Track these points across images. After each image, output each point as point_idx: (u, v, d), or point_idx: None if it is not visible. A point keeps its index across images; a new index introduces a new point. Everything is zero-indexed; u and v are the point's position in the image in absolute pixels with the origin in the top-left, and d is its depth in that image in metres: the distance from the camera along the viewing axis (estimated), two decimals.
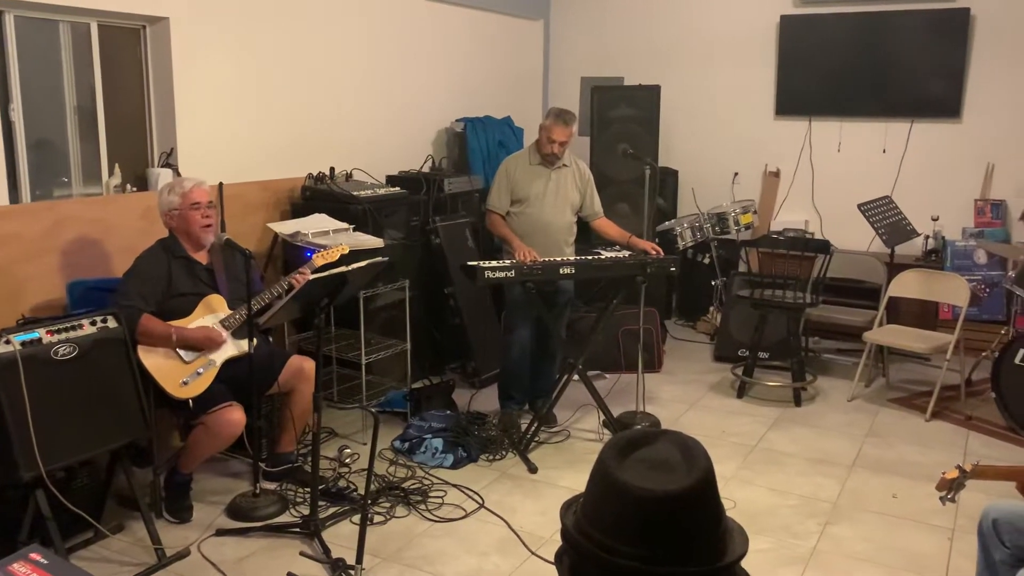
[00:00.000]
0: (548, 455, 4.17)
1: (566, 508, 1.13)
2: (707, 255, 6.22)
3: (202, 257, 3.62)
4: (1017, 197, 5.80)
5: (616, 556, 1.03)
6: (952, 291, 4.89)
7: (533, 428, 4.23)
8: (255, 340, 3.39)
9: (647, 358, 5.08)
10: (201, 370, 3.39)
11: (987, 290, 5.57)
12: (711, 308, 6.23)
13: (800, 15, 6.24)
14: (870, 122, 6.13)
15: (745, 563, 3.23)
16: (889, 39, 5.99)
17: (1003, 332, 5.10)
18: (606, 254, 4.31)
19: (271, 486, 3.69)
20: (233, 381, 3.46)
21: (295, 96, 4.78)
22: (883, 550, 3.30)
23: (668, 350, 5.79)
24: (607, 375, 5.22)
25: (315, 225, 4.20)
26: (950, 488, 2.30)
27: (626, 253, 4.32)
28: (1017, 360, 4.35)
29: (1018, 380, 4.36)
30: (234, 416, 3.36)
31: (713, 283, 6.16)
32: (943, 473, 2.32)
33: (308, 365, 3.64)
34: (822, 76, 6.23)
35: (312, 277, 3.10)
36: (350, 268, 3.16)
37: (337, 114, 5.06)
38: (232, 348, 3.50)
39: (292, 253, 4.15)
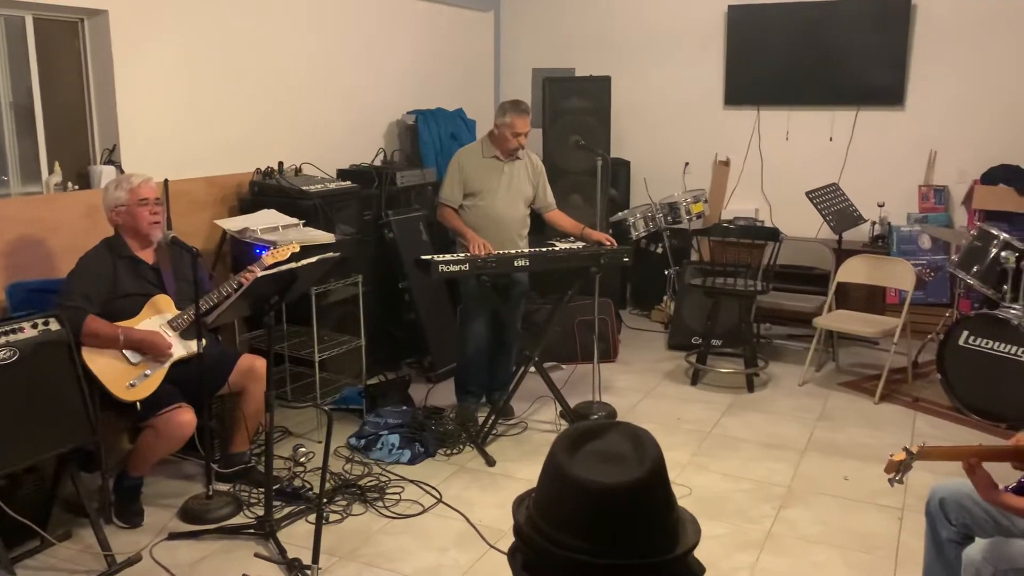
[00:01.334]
0: (506, 448, 4.17)
1: (518, 503, 1.12)
2: (660, 245, 6.27)
3: (148, 256, 3.53)
4: (959, 183, 5.94)
5: (567, 550, 1.03)
6: (898, 276, 4.99)
7: (490, 421, 4.22)
8: (204, 340, 3.33)
9: (602, 348, 5.12)
10: (149, 372, 3.31)
11: (932, 274, 5.70)
12: (665, 297, 6.28)
13: (747, 5, 6.30)
14: (817, 111, 6.22)
15: (701, 549, 3.26)
16: (834, 29, 6.09)
17: (948, 315, 5.23)
18: (560, 246, 4.31)
19: (224, 487, 3.63)
20: (182, 382, 3.39)
21: (242, 89, 4.70)
22: (836, 531, 3.36)
23: (623, 340, 5.83)
24: (563, 366, 5.23)
25: (264, 221, 4.13)
26: (898, 470, 2.34)
27: (580, 244, 4.33)
28: (961, 342, 4.46)
29: (962, 361, 4.47)
30: (184, 418, 3.29)
31: (666, 272, 6.21)
32: (891, 455, 2.36)
33: (259, 364, 3.59)
34: (770, 66, 6.30)
35: (260, 274, 3.05)
36: (299, 264, 3.11)
37: (285, 108, 4.98)
38: (181, 349, 3.43)
39: (241, 250, 4.08)
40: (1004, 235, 4.54)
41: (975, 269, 4.60)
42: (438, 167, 5.57)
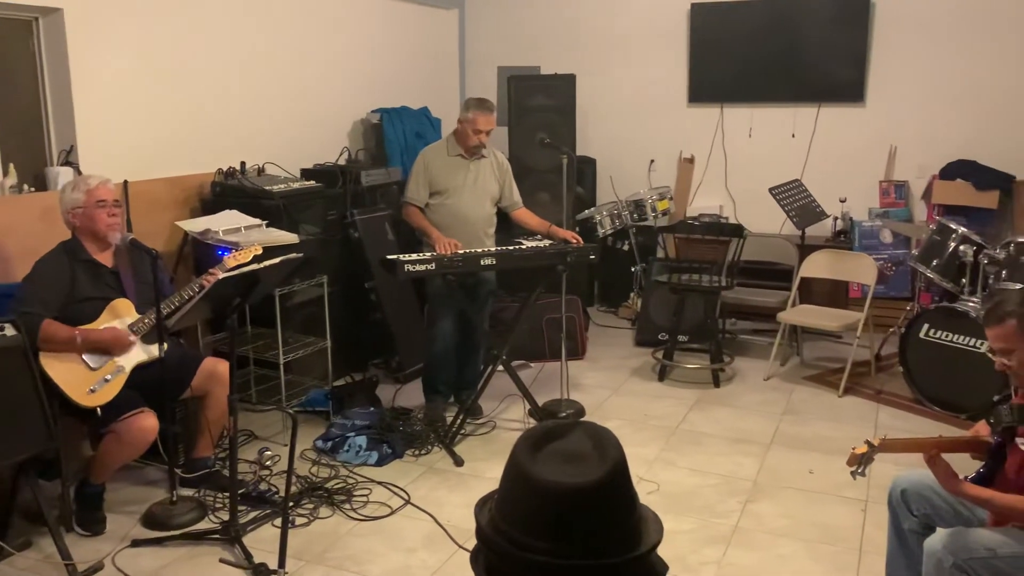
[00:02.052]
0: (474, 447, 4.16)
1: (481, 505, 1.11)
2: (626, 242, 6.30)
3: (107, 259, 3.47)
4: (919, 178, 6.03)
5: (530, 552, 1.02)
6: (860, 270, 5.06)
7: (459, 421, 4.21)
8: (166, 344, 3.28)
9: (570, 346, 5.12)
10: (109, 376, 3.26)
11: (893, 268, 5.79)
12: (632, 294, 6.31)
13: (709, 3, 6.35)
14: (779, 108, 6.29)
15: (669, 544, 3.28)
16: (795, 26, 6.15)
17: (909, 308, 5.31)
18: (527, 244, 4.31)
19: (188, 492, 3.58)
20: (144, 387, 3.33)
21: (203, 88, 4.63)
22: (801, 524, 3.40)
23: (591, 337, 5.84)
24: (532, 364, 5.23)
25: (226, 222, 4.08)
26: (860, 463, 2.38)
27: (547, 242, 4.33)
28: (922, 335, 4.53)
29: (924, 354, 4.54)
30: (146, 423, 3.24)
31: (633, 269, 6.24)
32: (853, 448, 2.39)
33: (222, 367, 3.53)
34: (732, 63, 6.35)
35: (221, 276, 3.00)
36: (262, 266, 3.07)
37: (247, 107, 4.92)
38: (142, 353, 3.37)
39: (203, 252, 4.02)
40: (962, 229, 4.62)
41: (935, 263, 4.67)
42: (403, 166, 5.54)
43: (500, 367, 4.28)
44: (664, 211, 6.20)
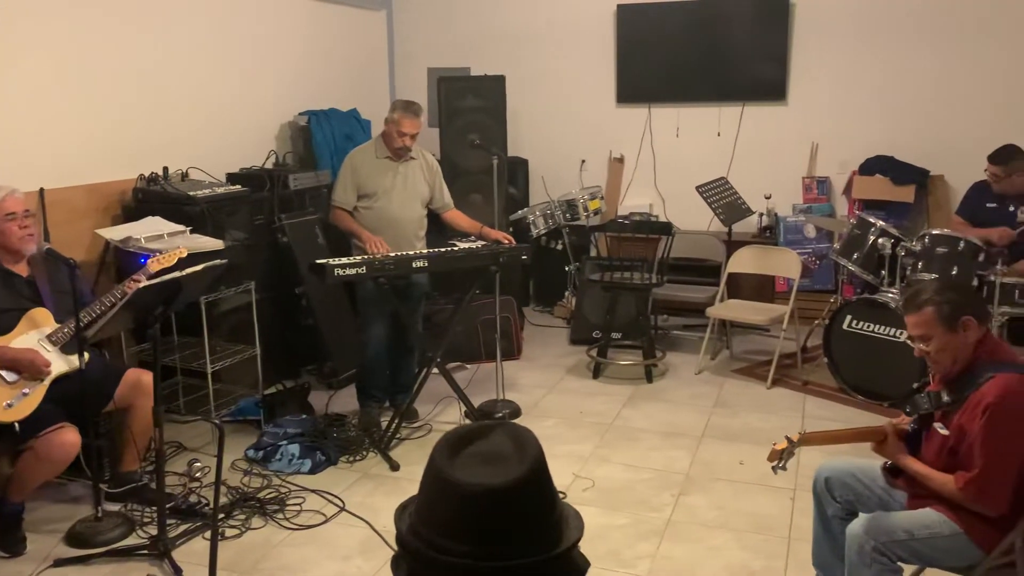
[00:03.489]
0: (410, 451, 4.13)
1: (401, 511, 1.10)
2: (560, 241, 6.33)
3: (22, 269, 3.36)
4: (839, 173, 6.21)
5: (450, 555, 1.02)
6: (785, 265, 5.19)
7: (394, 425, 4.18)
8: (86, 355, 3.18)
9: (506, 346, 5.14)
10: (27, 390, 3.14)
11: (817, 262, 5.95)
12: (566, 293, 6.35)
13: (635, 4, 6.43)
14: (705, 107, 6.40)
15: (604, 539, 3.29)
16: (719, 27, 6.28)
17: (832, 300, 5.45)
18: (461, 245, 4.30)
19: (115, 508, 3.48)
20: (64, 400, 3.23)
21: (123, 92, 4.49)
22: (732, 515, 3.47)
23: (527, 336, 5.87)
24: (468, 365, 5.23)
25: (149, 229, 3.97)
26: (780, 458, 2.45)
27: (480, 244, 4.33)
28: (845, 326, 4.67)
29: (847, 345, 4.68)
30: (67, 438, 3.13)
31: (567, 268, 6.28)
32: (774, 444, 2.45)
33: (146, 378, 3.44)
34: (659, 64, 6.45)
35: (142, 285, 2.92)
36: (184, 273, 3.00)
37: (169, 111, 4.79)
38: (62, 364, 3.26)
39: (125, 260, 3.91)
40: (881, 223, 4.77)
41: (855, 256, 4.81)
42: (333, 168, 5.46)
43: (435, 370, 4.26)
44: (596, 210, 6.25)
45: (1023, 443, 2.28)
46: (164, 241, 3.89)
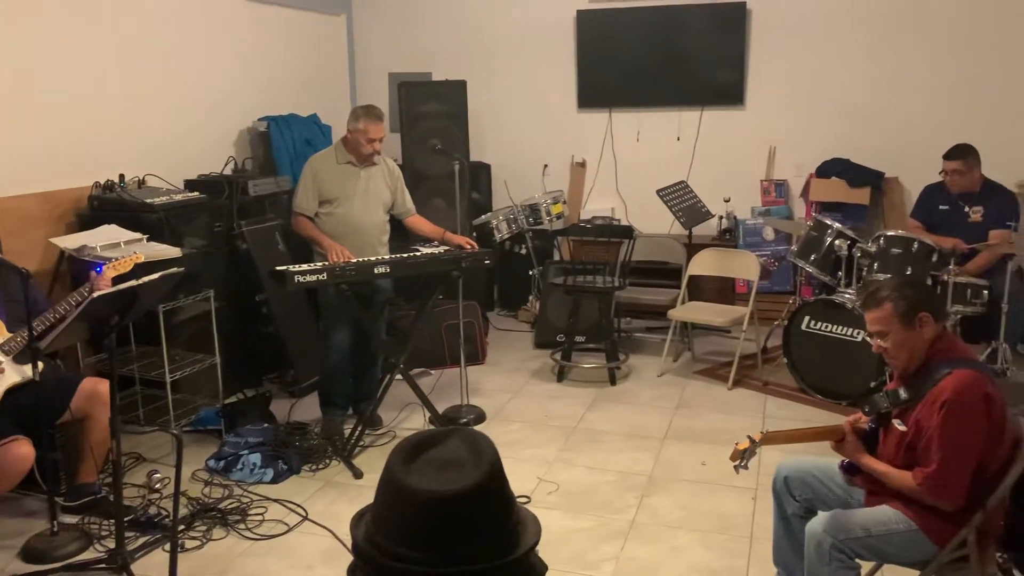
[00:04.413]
0: (374, 458, 4.11)
1: (357, 520, 1.10)
2: (523, 246, 6.35)
3: None
4: (797, 176, 6.31)
5: (405, 562, 1.02)
6: (745, 267, 5.25)
7: (357, 432, 4.16)
8: (40, 364, 3.11)
9: (470, 351, 5.14)
10: None
11: (775, 264, 6.03)
12: (530, 297, 6.36)
13: (595, 10, 6.47)
14: (665, 111, 6.47)
15: (569, 543, 3.29)
16: (678, 32, 6.34)
17: (791, 302, 5.53)
18: (424, 250, 4.29)
19: (71, 521, 3.41)
20: (18, 411, 3.17)
21: (77, 97, 4.41)
22: (695, 515, 3.50)
23: (491, 341, 5.87)
24: (432, 371, 5.21)
25: (104, 237, 3.91)
26: (742, 457, 2.47)
27: (443, 249, 4.32)
28: (803, 327, 4.74)
29: (806, 345, 4.75)
30: (20, 451, 3.07)
31: (531, 273, 6.30)
32: (736, 444, 2.48)
33: (102, 388, 3.38)
34: (619, 69, 6.50)
35: (96, 295, 2.87)
36: (140, 282, 2.95)
37: (126, 117, 4.72)
38: (14, 374, 3.20)
39: (80, 269, 3.84)
40: (837, 225, 4.85)
41: (813, 258, 4.88)
42: (293, 174, 5.42)
43: (399, 376, 4.24)
44: (559, 215, 6.26)
45: (979, 438, 2.33)
46: (120, 249, 3.82)
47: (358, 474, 3.91)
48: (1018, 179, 5.50)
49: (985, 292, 4.55)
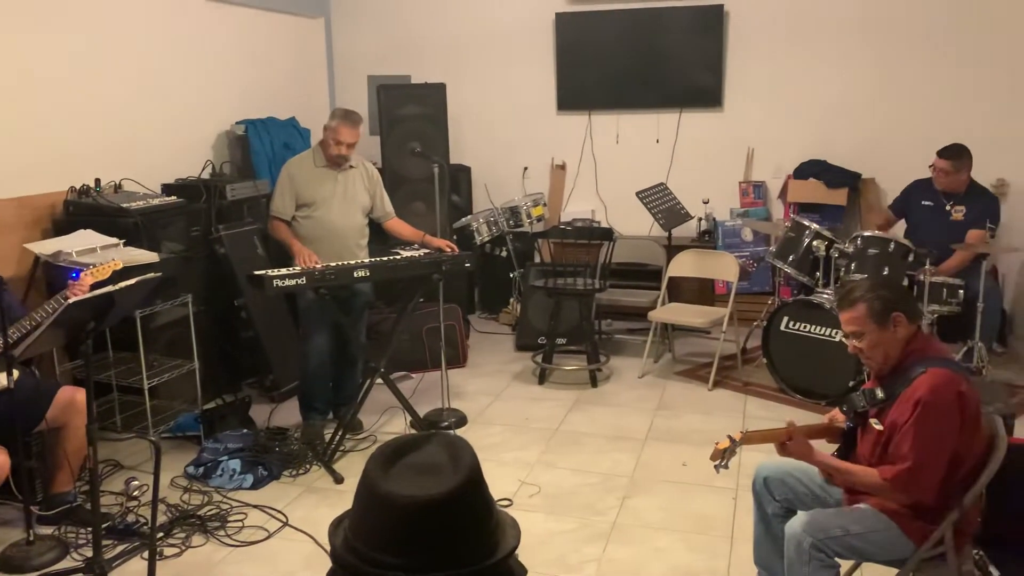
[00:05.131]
0: (355, 463, 4.09)
1: (335, 527, 1.10)
2: (504, 248, 6.35)
3: None
4: (774, 178, 6.35)
5: (382, 568, 1.01)
6: (724, 268, 5.28)
7: (338, 437, 4.13)
8: (16, 372, 3.08)
9: (451, 354, 5.13)
10: None
11: (754, 265, 6.07)
12: (511, 299, 6.36)
13: (573, 12, 6.49)
14: (644, 114, 6.49)
15: (551, 545, 3.29)
16: (657, 35, 6.37)
17: (770, 302, 5.56)
18: (405, 254, 4.28)
19: (48, 531, 3.37)
20: None
21: (52, 101, 4.36)
22: (676, 516, 3.51)
23: (473, 344, 5.86)
24: (413, 375, 5.20)
25: (80, 243, 3.87)
26: (722, 456, 2.48)
27: (423, 252, 4.31)
28: (782, 327, 4.77)
29: (785, 345, 4.78)
30: None
31: (512, 275, 6.30)
32: (716, 444, 2.49)
33: (79, 396, 3.34)
34: (598, 71, 6.51)
35: (72, 300, 2.84)
36: (116, 287, 2.92)
37: (102, 121, 4.67)
38: None
39: (56, 275, 3.81)
40: (815, 225, 4.89)
41: (791, 258, 4.92)
42: (272, 178, 5.38)
43: (379, 380, 4.22)
44: (539, 217, 6.27)
45: (952, 436, 2.35)
46: (96, 255, 3.79)
47: (339, 479, 3.89)
48: (993, 178, 5.58)
49: (960, 292, 4.61)
